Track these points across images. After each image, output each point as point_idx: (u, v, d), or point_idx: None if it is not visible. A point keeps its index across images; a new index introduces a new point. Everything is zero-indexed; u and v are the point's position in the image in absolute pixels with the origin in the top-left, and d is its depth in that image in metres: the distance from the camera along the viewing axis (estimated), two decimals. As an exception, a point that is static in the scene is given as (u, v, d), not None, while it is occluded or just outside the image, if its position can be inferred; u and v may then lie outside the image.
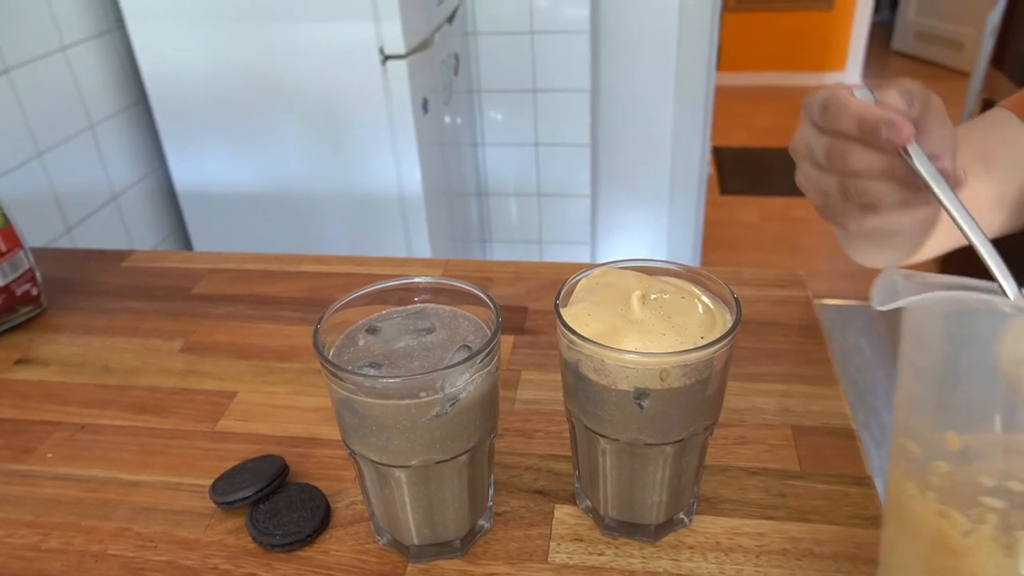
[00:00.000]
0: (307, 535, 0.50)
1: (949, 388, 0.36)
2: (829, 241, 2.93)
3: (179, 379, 0.67)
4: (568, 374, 0.46)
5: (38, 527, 0.53)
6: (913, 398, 0.38)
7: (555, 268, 0.82)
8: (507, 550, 0.50)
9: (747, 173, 3.50)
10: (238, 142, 1.44)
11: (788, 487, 0.54)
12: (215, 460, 0.58)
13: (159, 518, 0.53)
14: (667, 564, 0.49)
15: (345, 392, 0.43)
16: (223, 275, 0.83)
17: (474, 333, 0.47)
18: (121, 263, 0.87)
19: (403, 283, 0.49)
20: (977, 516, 0.35)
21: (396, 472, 0.45)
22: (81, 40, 1.32)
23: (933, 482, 0.37)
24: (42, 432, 0.62)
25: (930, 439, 0.37)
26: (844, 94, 0.44)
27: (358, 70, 1.34)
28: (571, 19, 1.87)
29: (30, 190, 1.23)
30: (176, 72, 1.39)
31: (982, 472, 0.34)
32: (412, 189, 1.45)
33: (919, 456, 0.38)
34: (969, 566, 0.36)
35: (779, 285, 0.76)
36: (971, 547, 0.35)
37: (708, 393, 0.44)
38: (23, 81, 1.19)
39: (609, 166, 2.18)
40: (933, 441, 0.36)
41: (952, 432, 0.35)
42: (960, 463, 0.35)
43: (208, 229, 1.56)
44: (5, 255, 0.73)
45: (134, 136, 1.48)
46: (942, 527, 0.37)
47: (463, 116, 1.88)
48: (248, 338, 0.72)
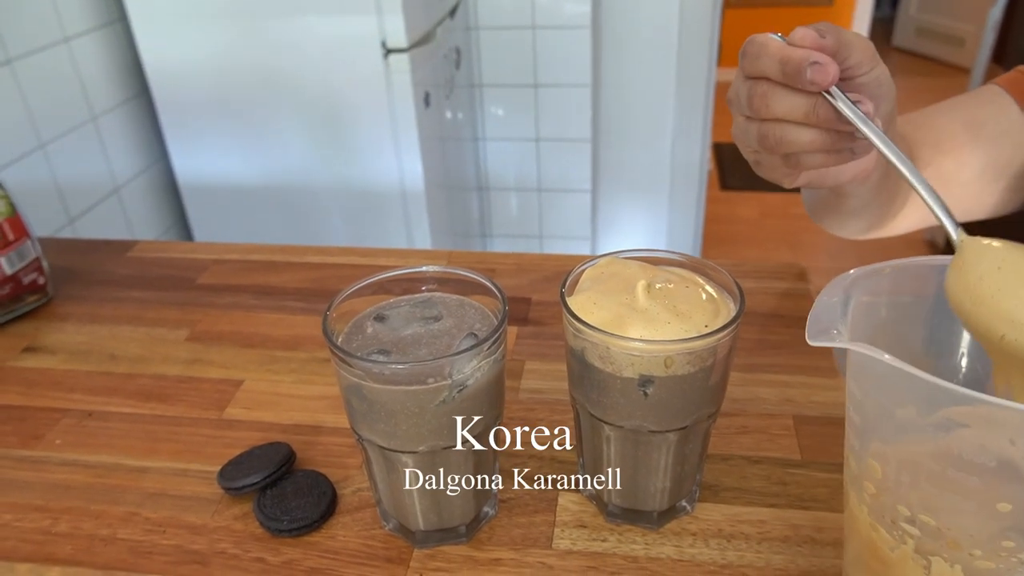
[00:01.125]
0: (314, 521, 0.51)
1: (875, 425, 0.38)
2: (829, 238, 2.94)
3: (185, 367, 0.68)
4: (573, 362, 0.47)
5: (48, 511, 0.53)
6: (851, 418, 0.39)
7: (557, 260, 0.83)
8: (511, 536, 0.51)
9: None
10: (240, 135, 1.45)
11: (789, 475, 0.54)
12: (221, 447, 0.59)
13: (167, 503, 0.54)
14: (670, 550, 0.49)
15: (354, 378, 0.43)
16: (227, 265, 0.84)
17: (481, 321, 0.47)
18: (126, 253, 0.87)
19: (411, 272, 0.50)
20: (899, 537, 0.37)
21: (403, 457, 0.45)
22: (83, 32, 1.33)
23: (865, 498, 0.39)
24: (50, 419, 0.62)
25: (862, 460, 0.39)
26: (766, 37, 0.43)
27: (360, 64, 1.35)
28: (572, 14, 1.87)
29: (33, 181, 1.23)
30: (178, 65, 1.39)
31: (900, 501, 0.36)
32: (413, 183, 1.45)
33: (855, 471, 0.40)
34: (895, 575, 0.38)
35: (780, 277, 0.77)
36: (896, 561, 0.37)
37: (711, 381, 0.45)
38: (25, 72, 1.20)
39: (610, 161, 2.18)
40: (863, 463, 0.38)
41: (875, 461, 0.37)
42: (882, 489, 0.37)
43: (209, 222, 1.56)
44: (12, 244, 0.73)
45: (136, 128, 1.48)
46: (873, 538, 0.39)
47: (464, 110, 1.88)
48: (253, 327, 0.73)
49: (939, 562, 0.35)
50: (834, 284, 0.40)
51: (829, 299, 0.39)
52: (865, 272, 0.41)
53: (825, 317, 0.37)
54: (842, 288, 0.40)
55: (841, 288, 0.40)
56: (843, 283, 0.40)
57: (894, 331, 0.42)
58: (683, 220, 2.25)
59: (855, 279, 0.40)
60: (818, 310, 0.38)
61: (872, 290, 0.41)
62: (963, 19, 4.24)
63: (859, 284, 0.40)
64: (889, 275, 0.42)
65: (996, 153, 0.60)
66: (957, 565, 0.35)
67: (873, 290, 0.41)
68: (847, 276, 0.40)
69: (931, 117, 0.63)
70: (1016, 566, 0.34)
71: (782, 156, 0.46)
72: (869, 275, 0.41)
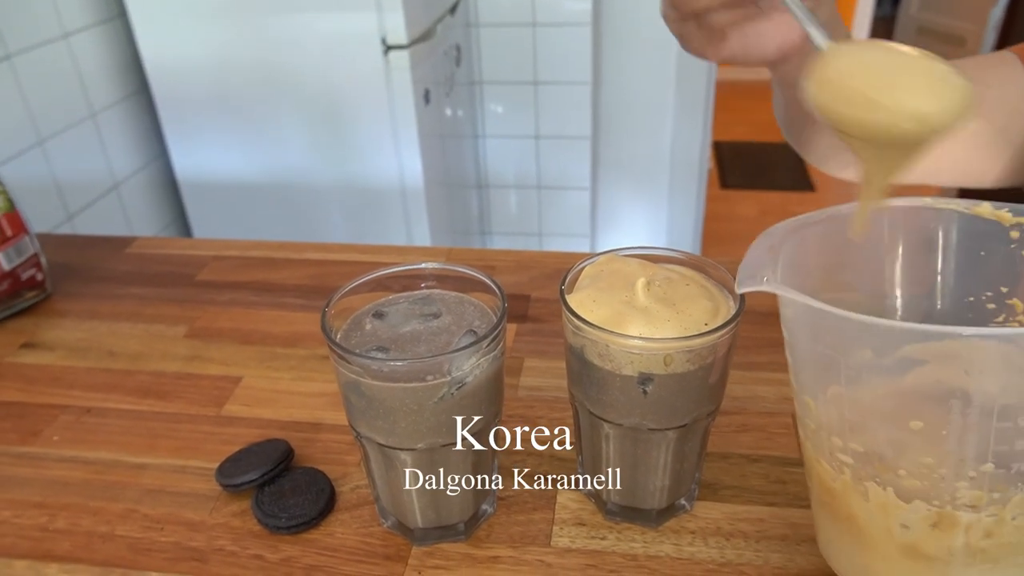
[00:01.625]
0: (312, 518, 0.51)
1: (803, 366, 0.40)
2: (828, 236, 2.94)
3: (184, 364, 0.68)
4: (573, 360, 0.47)
5: (46, 508, 0.53)
6: (790, 363, 0.42)
7: (557, 257, 0.83)
8: (510, 534, 0.50)
9: (747, 168, 3.50)
10: (239, 132, 1.44)
11: (788, 474, 0.54)
12: (220, 444, 0.59)
13: (165, 500, 0.54)
14: (669, 548, 0.49)
15: (352, 375, 0.43)
16: (227, 262, 0.84)
17: (480, 319, 0.47)
18: (125, 249, 0.87)
19: (410, 269, 0.50)
20: (837, 467, 0.39)
21: (402, 455, 0.45)
22: (83, 28, 1.32)
23: (808, 434, 0.41)
24: (48, 415, 0.62)
25: (800, 399, 0.41)
26: None
27: (360, 60, 1.34)
28: (573, 11, 1.87)
29: (31, 177, 1.23)
30: (178, 61, 1.39)
31: (832, 433, 0.39)
32: (413, 180, 1.45)
33: (799, 409, 0.42)
34: (843, 506, 0.40)
35: (780, 276, 0.76)
36: (839, 491, 0.40)
37: (711, 379, 0.45)
38: (25, 68, 1.19)
39: (609, 159, 2.18)
40: (802, 401, 0.41)
41: (808, 398, 0.40)
42: (818, 424, 0.40)
43: (209, 219, 1.56)
44: (10, 240, 0.73)
45: (135, 125, 1.48)
46: (819, 472, 0.41)
47: (464, 108, 1.88)
48: (252, 324, 0.73)
49: (873, 486, 0.38)
50: (762, 237, 0.41)
51: (757, 250, 0.40)
52: (796, 222, 0.43)
53: (754, 265, 0.39)
54: (771, 239, 0.41)
55: (769, 240, 0.41)
56: (771, 235, 0.42)
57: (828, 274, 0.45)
58: (683, 218, 2.25)
59: (785, 231, 0.42)
60: (747, 260, 0.40)
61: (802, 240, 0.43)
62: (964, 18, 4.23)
63: (789, 237, 0.42)
64: (822, 223, 0.43)
65: (991, 117, 0.60)
66: (889, 487, 0.37)
67: (804, 238, 0.43)
68: (776, 228, 0.42)
69: None
70: (937, 482, 0.36)
71: (697, 23, 0.46)
72: (800, 226, 0.43)
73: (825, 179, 3.40)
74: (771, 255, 0.40)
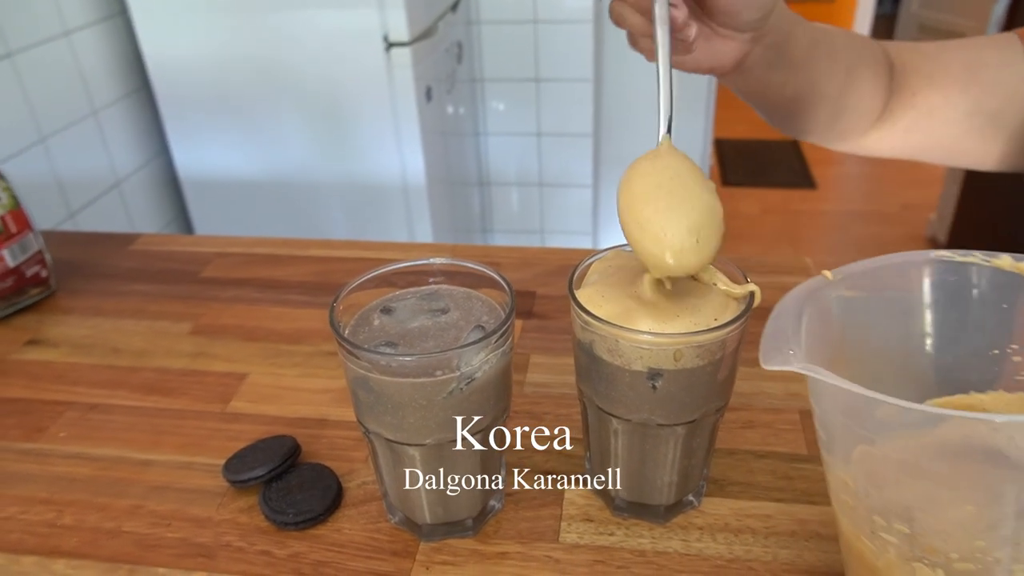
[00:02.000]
0: (319, 513, 0.51)
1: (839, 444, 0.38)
2: (830, 234, 2.94)
3: (189, 361, 0.68)
4: (581, 355, 0.47)
5: (53, 504, 0.53)
6: (819, 436, 0.40)
7: (562, 254, 0.83)
8: (518, 530, 0.50)
9: (748, 165, 3.50)
10: (241, 129, 1.44)
11: (795, 470, 0.54)
12: (226, 440, 0.58)
13: (172, 496, 0.54)
14: (677, 544, 0.49)
15: (361, 370, 0.43)
16: (231, 259, 0.84)
17: (488, 314, 0.47)
18: (129, 246, 0.87)
19: (417, 264, 0.50)
20: (881, 546, 0.37)
21: (410, 450, 0.45)
22: (84, 25, 1.32)
23: (845, 510, 0.39)
24: (53, 412, 0.62)
25: (836, 475, 0.39)
26: None
27: (362, 57, 1.34)
28: (574, 8, 1.87)
29: (33, 175, 1.23)
30: (179, 59, 1.39)
31: (873, 511, 0.37)
32: (415, 178, 1.45)
33: (833, 484, 0.40)
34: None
35: (784, 272, 0.76)
36: (884, 569, 0.38)
37: (720, 375, 0.45)
38: (26, 66, 1.19)
39: (611, 156, 2.18)
40: (838, 477, 0.39)
41: (844, 475, 0.38)
42: (857, 501, 0.38)
43: (211, 216, 1.56)
44: (15, 236, 0.73)
45: (137, 122, 1.48)
46: (860, 548, 0.39)
47: (466, 105, 1.88)
48: (257, 321, 0.73)
49: (921, 567, 0.36)
50: (784, 302, 0.40)
51: (781, 320, 0.39)
52: (813, 284, 0.42)
53: (777, 337, 0.38)
54: (794, 305, 0.40)
55: (793, 305, 0.40)
56: (793, 300, 0.41)
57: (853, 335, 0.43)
58: (684, 216, 2.25)
59: (807, 293, 0.41)
60: (768, 331, 0.38)
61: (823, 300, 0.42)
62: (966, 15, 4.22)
63: (811, 298, 0.41)
64: (840, 282, 0.43)
65: (986, 99, 0.60)
66: (939, 569, 0.35)
67: (823, 301, 0.42)
68: (795, 292, 0.41)
69: (938, 50, 0.63)
70: (992, 565, 0.34)
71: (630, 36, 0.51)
72: (818, 286, 0.42)
73: (827, 177, 3.40)
74: (793, 323, 0.39)
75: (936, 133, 0.62)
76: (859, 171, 3.56)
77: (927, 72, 0.62)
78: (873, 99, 0.60)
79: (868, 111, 0.61)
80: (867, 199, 3.23)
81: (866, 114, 0.61)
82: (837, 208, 3.15)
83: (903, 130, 0.62)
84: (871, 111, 0.61)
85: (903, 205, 3.13)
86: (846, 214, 3.09)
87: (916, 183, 3.31)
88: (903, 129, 0.63)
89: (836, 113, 0.61)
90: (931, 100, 0.61)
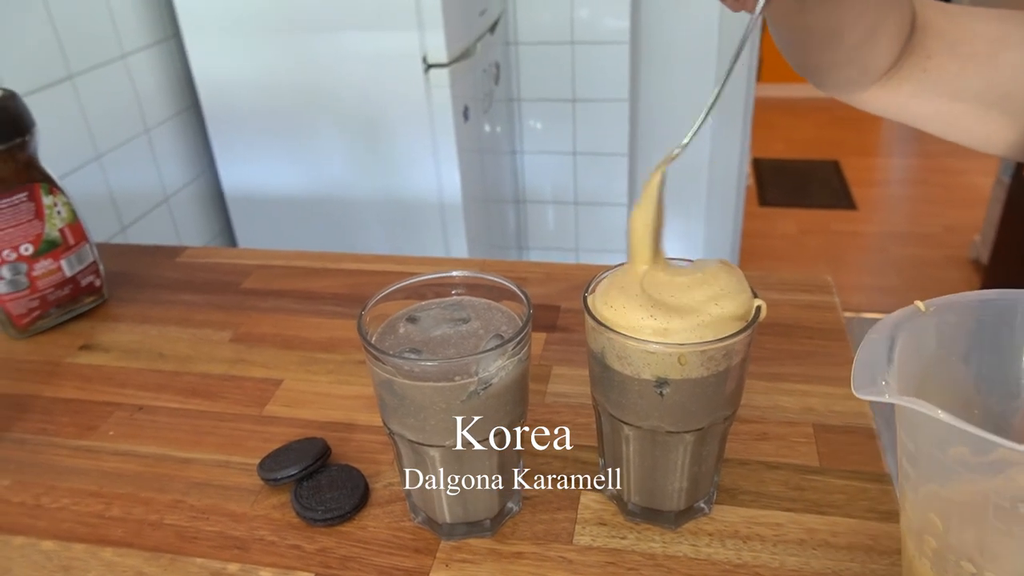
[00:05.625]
0: (347, 511, 0.54)
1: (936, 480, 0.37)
2: (869, 255, 2.91)
3: (228, 367, 0.71)
4: (594, 364, 0.49)
5: (101, 497, 0.57)
6: (905, 470, 0.38)
7: (587, 270, 0.85)
8: (534, 531, 0.53)
9: (786, 185, 3.48)
10: (284, 147, 1.50)
11: (807, 481, 0.56)
12: (261, 441, 0.62)
13: (210, 492, 0.57)
14: (687, 549, 0.51)
15: (386, 375, 0.46)
16: (271, 271, 0.88)
17: (507, 324, 0.50)
18: (175, 259, 0.92)
19: (441, 277, 0.53)
20: None
21: (431, 451, 0.48)
22: (140, 48, 1.39)
23: (927, 551, 0.38)
24: (103, 412, 0.66)
25: (921, 513, 0.38)
26: None
27: (401, 78, 1.38)
28: (612, 30, 1.90)
29: (89, 190, 1.29)
30: (227, 79, 1.44)
31: (963, 558, 0.35)
32: (451, 195, 1.48)
33: (915, 524, 0.38)
34: None
35: (806, 290, 0.78)
36: None
37: (727, 385, 0.47)
38: (86, 87, 1.26)
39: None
40: (923, 517, 0.37)
41: (935, 516, 0.36)
42: (944, 544, 0.36)
43: (253, 231, 1.61)
44: (73, 248, 0.78)
45: (186, 141, 1.54)
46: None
47: (503, 124, 1.91)
48: (293, 330, 0.76)
49: None
50: (877, 329, 0.39)
51: (873, 347, 0.38)
52: (906, 313, 0.40)
53: (869, 364, 0.36)
54: (886, 332, 0.39)
55: (885, 332, 0.39)
56: (886, 327, 0.39)
57: (943, 370, 0.42)
58: (720, 234, 2.26)
59: (897, 321, 0.40)
60: (860, 358, 0.37)
61: (916, 330, 0.40)
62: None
63: (903, 326, 0.40)
64: (933, 313, 0.41)
65: (1001, 81, 0.57)
66: None
67: (917, 330, 0.40)
68: (888, 320, 0.40)
69: (967, 17, 0.59)
70: None
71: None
72: (910, 316, 0.40)
73: (867, 198, 3.37)
74: (884, 352, 0.37)
75: (940, 106, 0.59)
76: (901, 192, 3.52)
77: (950, 39, 0.57)
78: (886, 58, 0.57)
79: (877, 69, 0.58)
80: (909, 220, 3.19)
81: (874, 71, 0.58)
82: (878, 229, 3.12)
83: (907, 95, 0.60)
84: (880, 69, 0.58)
85: (946, 227, 3.08)
86: (887, 235, 3.06)
87: (960, 203, 3.26)
88: (907, 94, 0.60)
89: (845, 63, 0.57)
90: (944, 69, 0.58)
